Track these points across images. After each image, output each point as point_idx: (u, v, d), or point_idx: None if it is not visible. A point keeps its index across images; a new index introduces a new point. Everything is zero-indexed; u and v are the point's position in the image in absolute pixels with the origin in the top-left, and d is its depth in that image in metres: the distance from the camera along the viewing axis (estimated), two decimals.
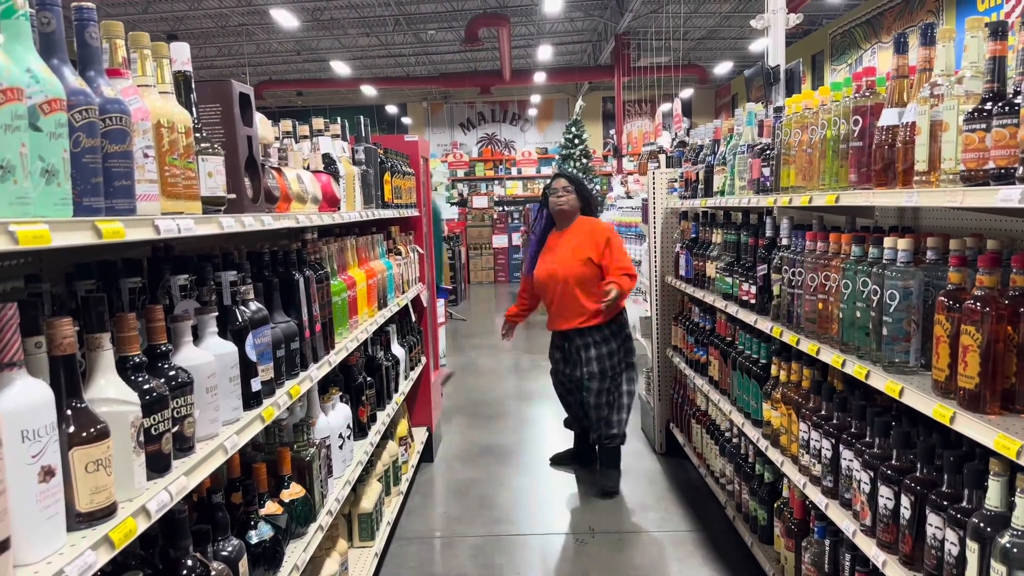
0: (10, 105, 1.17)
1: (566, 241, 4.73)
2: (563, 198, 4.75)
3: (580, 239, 4.68)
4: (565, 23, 15.76)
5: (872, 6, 12.81)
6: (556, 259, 4.71)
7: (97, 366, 1.51)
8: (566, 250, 4.68)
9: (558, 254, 4.71)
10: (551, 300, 4.74)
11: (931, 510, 1.97)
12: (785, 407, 3.02)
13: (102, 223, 1.38)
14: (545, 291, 4.76)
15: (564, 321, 4.71)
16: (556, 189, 4.77)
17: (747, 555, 3.66)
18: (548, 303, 4.79)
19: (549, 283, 4.70)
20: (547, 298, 4.78)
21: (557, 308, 4.72)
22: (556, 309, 4.73)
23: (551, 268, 4.70)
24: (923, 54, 2.10)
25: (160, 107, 1.71)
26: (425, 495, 4.89)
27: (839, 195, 2.42)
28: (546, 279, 4.72)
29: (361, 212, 3.48)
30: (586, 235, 4.68)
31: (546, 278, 4.72)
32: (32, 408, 1.26)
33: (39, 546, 1.27)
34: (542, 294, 4.82)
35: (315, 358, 2.72)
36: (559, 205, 4.75)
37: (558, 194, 4.76)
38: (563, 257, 4.68)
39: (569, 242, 4.70)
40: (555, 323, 4.80)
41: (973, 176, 1.77)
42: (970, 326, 1.81)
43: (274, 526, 2.33)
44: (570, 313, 4.66)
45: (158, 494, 1.55)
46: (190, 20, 14.25)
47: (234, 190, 2.08)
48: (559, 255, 4.71)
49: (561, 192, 4.75)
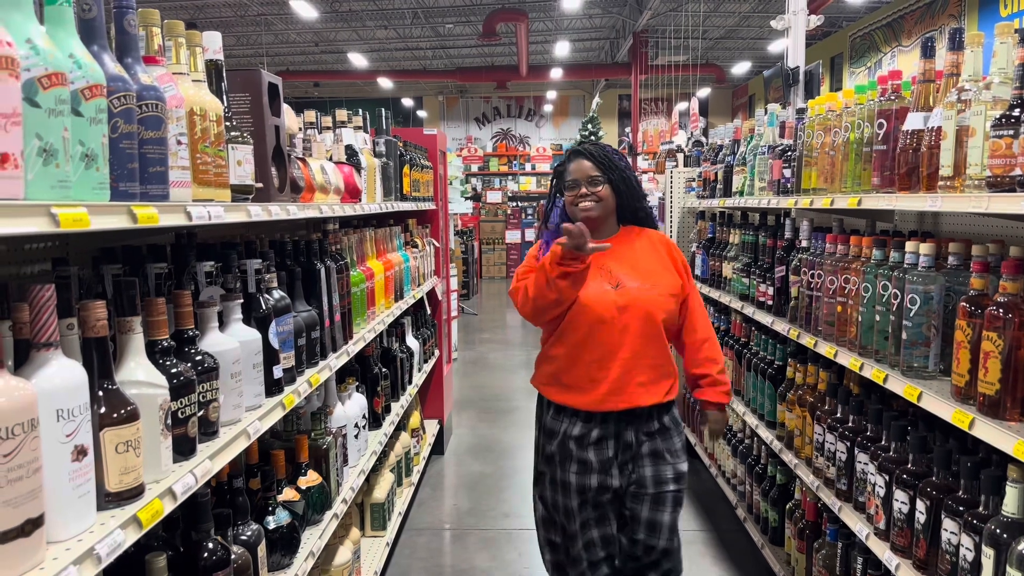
0: (55, 89, 1.19)
1: (627, 253, 2.65)
2: (589, 200, 2.60)
3: (653, 254, 2.69)
4: (583, 20, 15.73)
5: (893, 9, 12.72)
6: (627, 278, 2.58)
7: (127, 349, 1.53)
8: (641, 267, 2.63)
9: (624, 270, 2.60)
10: (607, 351, 2.54)
11: (947, 515, 1.97)
12: (800, 409, 3.03)
13: (137, 208, 1.40)
14: (593, 335, 2.54)
15: (634, 393, 2.55)
16: (576, 181, 2.62)
17: (757, 556, 3.67)
18: (596, 358, 2.55)
19: (610, 322, 2.52)
20: (597, 348, 2.54)
21: (623, 368, 2.53)
22: (620, 370, 2.53)
23: (618, 293, 2.55)
24: (951, 59, 2.09)
25: (193, 95, 1.73)
26: (435, 487, 4.92)
27: (861, 198, 2.42)
28: (604, 313, 2.52)
29: (381, 204, 3.50)
30: (658, 246, 2.72)
31: (606, 312, 2.52)
32: (67, 388, 1.28)
33: (71, 524, 1.30)
34: (582, 341, 2.56)
35: (334, 347, 2.74)
36: (587, 212, 2.59)
37: (579, 191, 2.60)
38: (643, 272, 2.61)
39: (635, 255, 2.65)
40: (613, 397, 2.54)
41: (999, 182, 1.76)
42: (992, 332, 1.81)
43: (291, 512, 2.36)
44: (649, 376, 2.57)
45: (183, 476, 1.57)
46: (209, 9, 14.30)
47: (261, 179, 2.10)
48: (628, 272, 2.60)
49: (585, 187, 2.60)
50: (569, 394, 2.61)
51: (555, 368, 2.64)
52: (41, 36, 1.22)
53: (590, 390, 2.56)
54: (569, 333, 2.58)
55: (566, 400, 2.62)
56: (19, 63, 1.14)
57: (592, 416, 2.59)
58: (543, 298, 2.46)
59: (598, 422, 2.59)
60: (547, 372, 2.69)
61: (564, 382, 2.62)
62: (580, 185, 2.62)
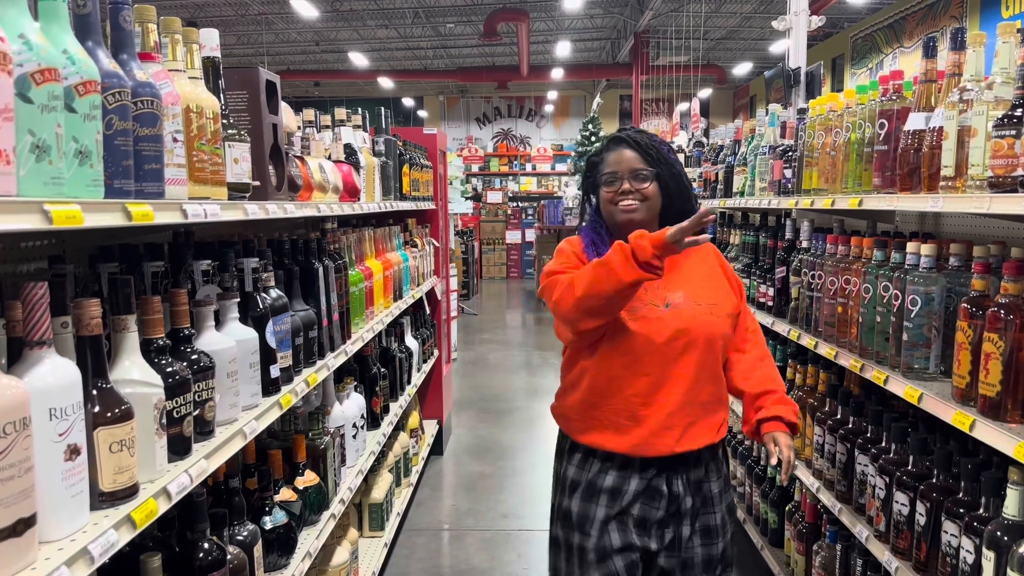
0: (48, 85, 1.18)
1: (678, 267, 2.17)
2: (633, 199, 2.13)
3: (705, 267, 2.26)
4: (584, 20, 15.73)
5: (895, 10, 12.71)
6: (679, 296, 2.14)
7: (122, 348, 1.52)
8: (695, 283, 2.19)
9: (674, 287, 2.15)
10: (654, 382, 2.09)
11: (947, 517, 1.96)
12: (800, 410, 3.01)
13: (132, 206, 1.39)
14: (640, 363, 2.08)
15: (685, 432, 2.11)
16: (618, 176, 2.14)
17: (757, 558, 3.65)
18: (641, 390, 2.09)
19: (662, 347, 2.07)
20: (643, 378, 2.08)
21: (673, 402, 2.09)
22: (671, 405, 2.09)
23: (671, 314, 2.10)
24: (952, 59, 2.08)
25: (190, 92, 1.72)
26: (434, 487, 4.91)
27: (863, 199, 2.41)
28: (655, 337, 2.07)
29: (380, 203, 3.49)
30: (711, 258, 2.30)
31: (658, 335, 2.07)
32: (60, 387, 1.27)
33: (63, 523, 1.28)
34: (625, 368, 2.09)
35: (332, 347, 2.73)
36: (629, 214, 2.14)
37: (620, 187, 2.13)
38: (697, 289, 2.17)
39: (687, 269, 2.20)
40: (659, 438, 2.09)
41: (1001, 183, 1.75)
42: (993, 333, 1.80)
43: (288, 512, 2.34)
44: (704, 411, 2.15)
45: (178, 476, 1.56)
46: (210, 7, 14.30)
47: (259, 177, 2.09)
48: (680, 288, 2.15)
49: (628, 183, 2.13)
50: (604, 433, 2.11)
51: (585, 399, 2.14)
52: (35, 31, 1.21)
53: (630, 429, 2.09)
54: (610, 357, 2.09)
55: (599, 441, 2.12)
56: (12, 58, 1.13)
57: (630, 462, 2.12)
58: (600, 297, 1.93)
59: (636, 470, 2.11)
60: (574, 403, 2.18)
61: (596, 417, 2.12)
62: (622, 180, 2.13)
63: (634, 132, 2.22)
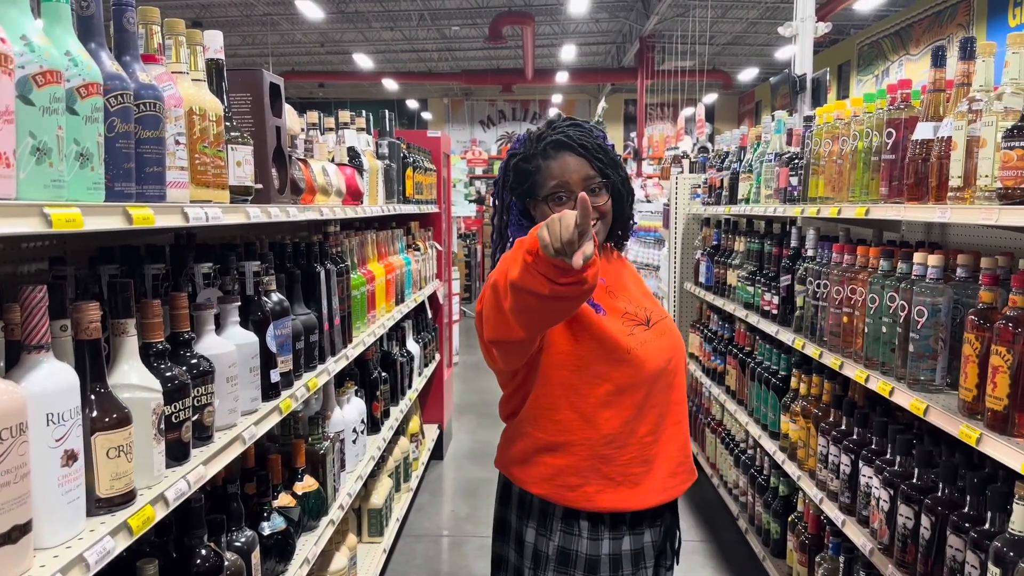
0: (49, 87, 1.17)
1: (623, 279, 1.94)
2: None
3: (639, 279, 2.03)
4: (590, 24, 15.73)
5: (901, 18, 12.70)
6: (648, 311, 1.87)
7: (121, 352, 1.50)
8: (647, 297, 1.97)
9: (635, 302, 1.88)
10: (658, 416, 1.82)
11: (952, 531, 1.94)
12: (804, 420, 2.99)
13: (133, 209, 1.37)
14: (651, 398, 1.80)
15: (684, 464, 1.89)
16: (563, 187, 1.78)
17: (758, 568, 3.63)
18: (650, 430, 1.80)
19: (662, 375, 1.81)
20: (650, 414, 1.80)
21: (676, 433, 1.87)
22: (679, 438, 1.88)
23: (655, 333, 1.84)
24: (962, 68, 2.07)
25: (192, 94, 1.70)
26: (434, 492, 4.88)
27: (869, 208, 2.39)
28: (658, 365, 1.80)
29: (383, 206, 3.47)
30: (633, 270, 2.07)
31: (657, 361, 1.80)
32: (57, 391, 1.26)
33: (59, 530, 1.27)
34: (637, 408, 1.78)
35: (333, 351, 2.72)
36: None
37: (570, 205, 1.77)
38: (652, 303, 1.95)
39: (632, 281, 1.97)
40: (670, 478, 1.85)
41: (1010, 194, 1.74)
42: (1001, 346, 1.78)
43: (287, 518, 2.33)
44: (685, 451, 1.91)
45: (176, 482, 1.54)
46: (215, 8, 14.32)
47: (261, 180, 2.07)
48: (642, 303, 1.90)
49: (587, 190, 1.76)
50: (619, 490, 1.77)
51: (594, 454, 1.76)
52: (37, 33, 1.19)
53: (642, 478, 1.78)
54: (624, 399, 1.76)
55: (614, 503, 1.77)
56: (13, 60, 1.12)
57: (641, 517, 1.82)
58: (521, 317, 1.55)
59: (647, 523, 1.82)
60: (573, 465, 1.78)
61: (607, 474, 1.76)
62: (570, 196, 1.76)
63: (573, 131, 1.82)
